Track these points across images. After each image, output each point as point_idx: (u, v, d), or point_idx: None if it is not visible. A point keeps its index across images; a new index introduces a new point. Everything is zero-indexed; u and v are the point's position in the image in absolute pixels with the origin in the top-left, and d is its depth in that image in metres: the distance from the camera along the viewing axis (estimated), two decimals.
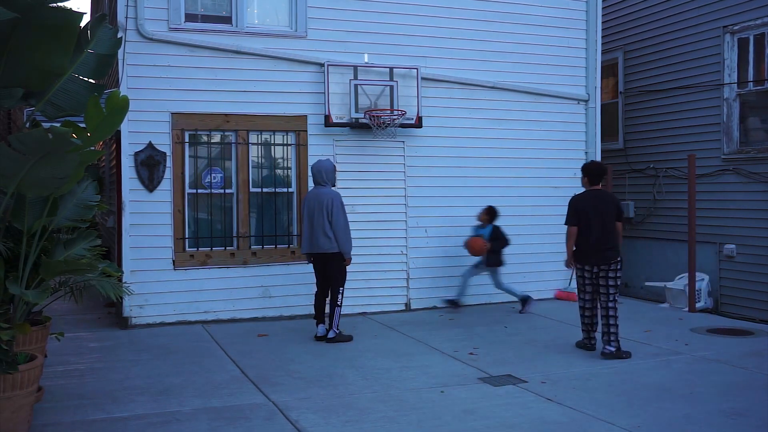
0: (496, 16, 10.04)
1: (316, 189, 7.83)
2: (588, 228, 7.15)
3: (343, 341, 7.71)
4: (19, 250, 5.14)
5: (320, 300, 7.94)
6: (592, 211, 7.16)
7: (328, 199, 7.63)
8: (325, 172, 7.77)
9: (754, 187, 9.97)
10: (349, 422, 5.15)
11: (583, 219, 7.20)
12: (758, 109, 10.21)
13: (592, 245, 7.14)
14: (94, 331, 8.29)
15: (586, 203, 7.26)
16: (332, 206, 7.58)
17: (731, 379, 6.19)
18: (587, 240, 7.16)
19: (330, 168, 7.84)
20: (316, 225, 7.65)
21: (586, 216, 7.19)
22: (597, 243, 7.11)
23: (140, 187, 8.50)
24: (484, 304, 9.89)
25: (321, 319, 7.89)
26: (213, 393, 5.87)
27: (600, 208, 7.19)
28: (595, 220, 7.14)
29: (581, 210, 7.24)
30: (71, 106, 5.41)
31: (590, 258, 7.18)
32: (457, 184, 9.76)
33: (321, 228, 7.61)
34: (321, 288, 7.94)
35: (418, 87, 9.41)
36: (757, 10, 9.91)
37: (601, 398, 5.69)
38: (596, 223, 7.13)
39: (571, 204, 7.38)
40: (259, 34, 9.00)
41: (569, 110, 10.50)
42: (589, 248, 7.15)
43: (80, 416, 5.27)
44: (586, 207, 7.23)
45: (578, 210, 7.25)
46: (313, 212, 7.68)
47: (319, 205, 7.63)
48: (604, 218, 7.15)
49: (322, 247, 7.65)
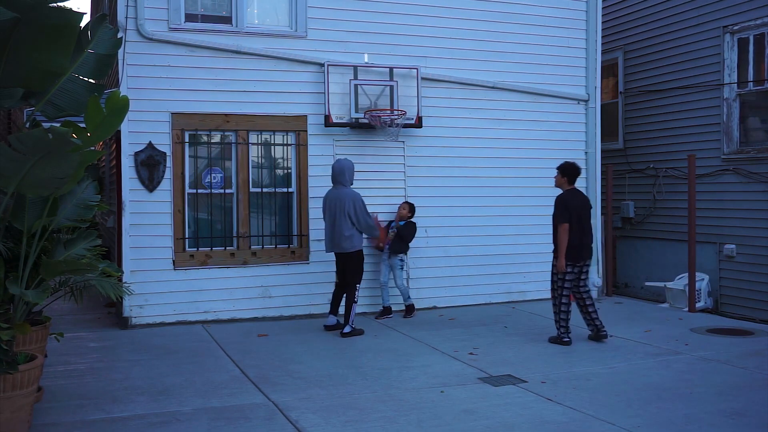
0: (496, 16, 10.04)
1: (337, 189, 8.10)
2: (580, 225, 7.46)
3: (357, 335, 8.04)
4: (19, 250, 5.14)
5: (339, 293, 8.35)
6: (581, 209, 7.51)
7: (350, 200, 7.97)
8: (348, 172, 8.09)
9: (754, 187, 9.97)
10: (349, 422, 5.15)
11: (575, 216, 7.44)
12: (758, 109, 10.21)
13: (584, 242, 7.49)
14: (94, 331, 8.29)
15: (576, 201, 7.54)
16: (355, 208, 7.96)
17: (731, 379, 6.19)
18: (579, 237, 7.45)
19: (351, 168, 8.17)
20: (337, 225, 7.98)
21: (577, 213, 7.46)
22: (586, 239, 7.54)
23: (140, 187, 8.50)
24: (484, 305, 9.89)
25: (335, 310, 8.31)
26: (213, 393, 5.87)
27: (585, 206, 7.61)
28: (584, 217, 7.53)
29: (573, 208, 7.47)
30: (71, 106, 5.41)
31: (582, 254, 7.50)
32: (457, 184, 9.76)
33: (342, 228, 7.95)
34: (340, 282, 8.32)
35: (418, 87, 9.41)
36: (757, 10, 9.91)
37: (601, 398, 5.69)
38: (585, 220, 7.54)
39: (562, 202, 7.54)
40: (259, 34, 9.00)
41: (569, 110, 10.50)
42: (582, 245, 7.47)
43: (80, 416, 5.27)
44: (576, 205, 7.50)
45: (570, 207, 7.47)
46: (334, 212, 8.00)
47: (340, 205, 7.96)
48: (587, 216, 7.59)
49: (343, 248, 8.01)
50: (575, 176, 7.67)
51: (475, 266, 9.75)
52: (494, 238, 9.96)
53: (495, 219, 9.96)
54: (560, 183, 7.71)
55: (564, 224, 7.45)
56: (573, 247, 7.42)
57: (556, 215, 7.56)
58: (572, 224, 7.42)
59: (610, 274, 11.15)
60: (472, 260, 9.55)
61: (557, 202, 7.60)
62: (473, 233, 9.58)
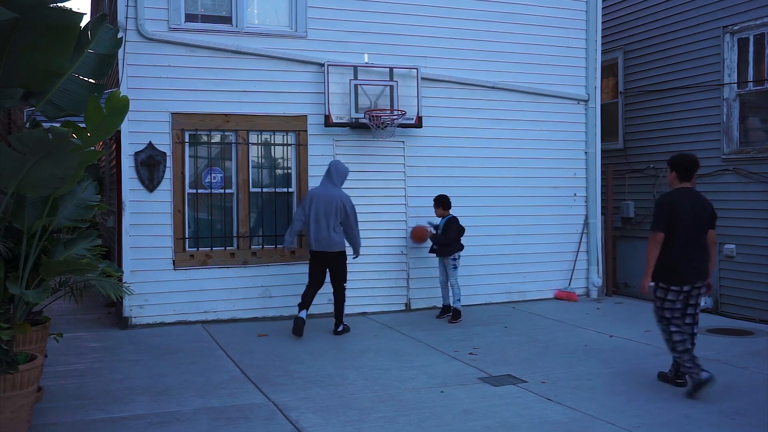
0: (496, 16, 10.04)
1: (326, 188, 8.06)
2: (688, 236, 5.77)
3: (347, 332, 8.18)
4: (19, 250, 5.14)
5: (313, 292, 8.11)
6: (692, 215, 5.79)
7: (341, 202, 7.96)
8: (343, 174, 8.17)
9: (754, 187, 9.96)
10: (349, 422, 5.15)
11: (681, 224, 5.77)
12: (758, 109, 10.21)
13: (692, 259, 5.79)
14: (94, 331, 8.29)
15: (684, 204, 5.83)
16: (347, 211, 7.97)
17: (731, 379, 6.18)
18: (685, 252, 5.77)
19: (346, 171, 8.26)
20: (326, 225, 7.92)
21: (685, 220, 5.77)
22: (697, 256, 5.81)
23: (140, 187, 8.50)
24: (484, 305, 9.89)
25: (307, 306, 8.04)
26: (213, 393, 5.87)
27: (699, 212, 5.84)
28: (697, 226, 5.80)
29: (677, 212, 5.78)
30: (71, 106, 5.41)
31: (688, 275, 5.78)
32: (457, 184, 9.76)
33: (331, 228, 7.92)
34: (317, 283, 8.14)
35: (418, 87, 9.41)
36: (757, 10, 9.90)
37: (601, 398, 5.69)
38: (698, 229, 5.80)
39: (662, 203, 5.88)
40: (259, 34, 9.00)
41: (569, 110, 10.50)
42: (687, 262, 5.77)
43: (80, 416, 5.27)
44: (684, 209, 5.80)
45: (673, 212, 5.78)
46: (322, 211, 7.93)
47: (331, 205, 7.93)
48: (702, 224, 5.84)
49: (330, 247, 7.95)
50: (687, 170, 5.91)
51: (475, 266, 9.74)
52: (494, 238, 9.96)
53: (495, 219, 9.96)
54: (671, 181, 6.01)
55: (657, 233, 5.77)
56: (673, 265, 5.76)
57: (653, 220, 5.90)
58: (675, 235, 5.73)
59: (610, 274, 11.15)
60: (472, 260, 9.55)
61: (656, 203, 5.98)
62: (473, 233, 9.56)
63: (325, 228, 7.90)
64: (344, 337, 8.00)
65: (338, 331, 8.10)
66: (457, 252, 8.89)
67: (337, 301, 8.13)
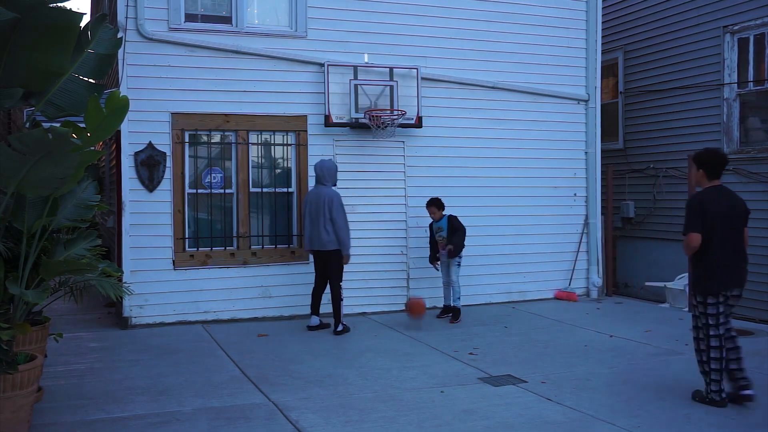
0: (496, 16, 10.03)
1: (317, 188, 8.23)
2: (724, 238, 5.37)
3: (347, 332, 8.18)
4: (19, 250, 5.14)
5: (318, 292, 8.35)
6: (727, 216, 5.40)
7: (328, 198, 8.03)
8: (328, 172, 8.20)
9: (754, 187, 9.96)
10: (349, 422, 5.15)
11: (717, 225, 5.35)
12: (758, 109, 10.21)
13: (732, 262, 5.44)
14: (94, 331, 8.29)
15: (718, 204, 5.39)
16: (332, 205, 8.01)
17: None
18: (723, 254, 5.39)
19: (333, 168, 8.28)
20: (317, 223, 8.08)
21: (721, 221, 5.36)
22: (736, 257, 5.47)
23: (140, 187, 8.50)
24: (484, 305, 9.89)
25: (317, 311, 8.36)
26: (213, 393, 5.86)
27: (734, 211, 5.45)
28: (732, 226, 5.42)
29: (712, 213, 5.34)
30: (71, 106, 5.41)
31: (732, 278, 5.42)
32: (457, 184, 9.76)
33: (322, 226, 8.04)
34: (320, 282, 8.35)
35: (418, 87, 9.40)
36: (757, 10, 9.91)
37: (601, 398, 5.69)
38: (734, 230, 5.42)
39: (695, 204, 5.42)
40: (259, 34, 9.00)
41: (569, 110, 10.50)
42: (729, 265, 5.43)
43: (80, 416, 5.27)
44: (719, 210, 5.38)
45: (708, 212, 5.34)
46: (313, 211, 8.12)
47: (320, 204, 8.05)
48: (739, 224, 5.46)
49: (323, 245, 8.06)
50: (716, 167, 5.44)
51: (475, 266, 9.74)
52: (494, 238, 9.96)
53: (495, 219, 9.96)
54: (698, 179, 5.56)
55: (692, 234, 5.32)
56: (715, 269, 5.38)
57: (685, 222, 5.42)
58: (712, 236, 5.33)
59: (610, 274, 11.15)
60: (472, 260, 9.54)
61: (687, 204, 5.53)
62: (473, 233, 9.55)
63: (317, 227, 8.07)
64: (344, 337, 8.00)
65: (338, 330, 8.12)
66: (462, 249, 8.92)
67: (333, 300, 8.15)
